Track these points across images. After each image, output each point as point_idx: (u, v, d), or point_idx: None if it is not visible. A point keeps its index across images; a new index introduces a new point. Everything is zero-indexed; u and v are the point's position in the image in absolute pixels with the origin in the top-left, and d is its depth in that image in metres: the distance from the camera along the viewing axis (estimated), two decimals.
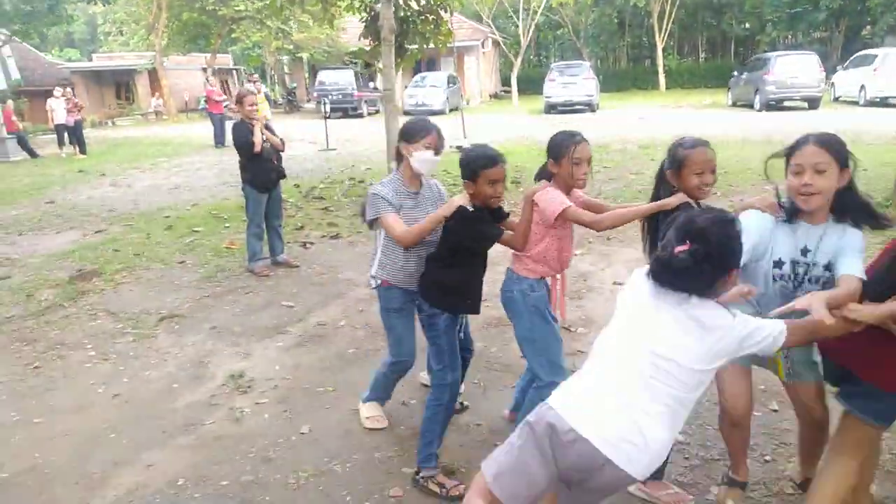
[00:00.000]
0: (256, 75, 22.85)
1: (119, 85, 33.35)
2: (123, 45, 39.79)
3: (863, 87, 19.41)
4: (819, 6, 30.14)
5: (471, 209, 2.72)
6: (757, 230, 2.21)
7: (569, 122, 17.55)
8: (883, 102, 18.87)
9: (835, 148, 2.08)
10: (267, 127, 6.02)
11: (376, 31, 9.30)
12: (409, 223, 2.87)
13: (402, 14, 9.64)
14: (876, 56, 19.47)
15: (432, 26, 9.85)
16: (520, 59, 28.45)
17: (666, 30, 32.35)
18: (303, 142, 16.34)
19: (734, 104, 21.95)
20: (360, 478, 2.97)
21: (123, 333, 4.73)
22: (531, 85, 30.40)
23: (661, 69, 32.56)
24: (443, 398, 2.87)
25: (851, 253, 2.10)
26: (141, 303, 5.33)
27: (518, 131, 16.37)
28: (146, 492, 2.93)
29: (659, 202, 2.46)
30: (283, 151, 6.12)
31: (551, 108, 22.30)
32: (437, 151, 2.92)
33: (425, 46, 10.42)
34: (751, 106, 20.19)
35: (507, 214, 2.96)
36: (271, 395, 3.79)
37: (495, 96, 33.87)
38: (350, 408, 3.58)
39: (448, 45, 10.53)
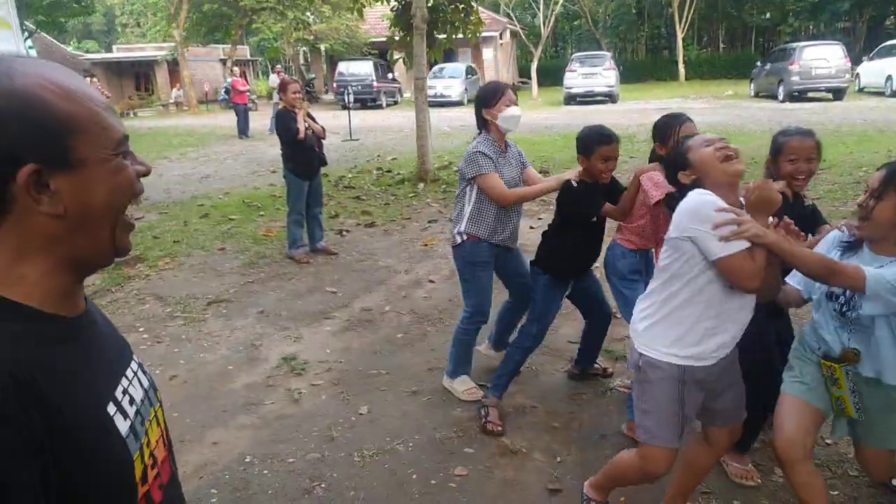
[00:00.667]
0: (280, 66, 22.82)
1: (139, 76, 33.59)
2: (140, 37, 40.08)
3: (889, 77, 19.15)
4: None
5: (575, 184, 2.96)
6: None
7: (591, 114, 17.49)
8: None
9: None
10: (308, 115, 6.08)
11: (408, 19, 9.32)
12: (505, 181, 3.17)
13: (432, 2, 9.65)
14: None
15: (462, 15, 9.85)
16: (539, 50, 28.28)
17: (686, 20, 32.04)
18: (326, 132, 16.37)
19: (756, 95, 21.74)
20: (423, 457, 3.03)
21: (173, 317, 4.82)
22: (549, 76, 30.25)
23: (680, 60, 32.26)
24: (525, 343, 3.25)
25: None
26: (187, 288, 5.42)
27: (540, 122, 16.34)
28: (215, 468, 3.00)
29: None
30: (324, 139, 6.18)
31: (571, 100, 22.20)
32: (517, 104, 3.21)
33: (454, 36, 10.45)
34: (774, 97, 19.98)
35: (623, 189, 3.07)
36: (326, 377, 3.86)
37: (513, 87, 33.75)
38: (404, 390, 3.64)
39: (478, 34, 10.54)
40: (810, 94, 19.54)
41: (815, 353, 2.19)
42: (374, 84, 24.52)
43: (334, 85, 25.27)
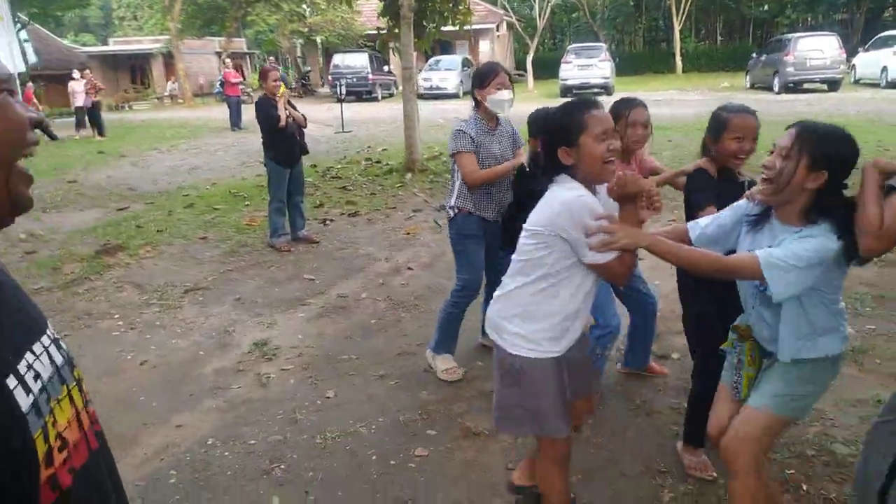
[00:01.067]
0: (273, 58, 22.76)
1: (134, 69, 33.51)
2: (137, 30, 39.96)
3: (885, 68, 19.07)
4: None
5: (528, 169, 3.05)
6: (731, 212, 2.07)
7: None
8: None
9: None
10: (289, 103, 6.06)
11: (395, 9, 9.28)
12: (486, 156, 3.28)
13: None
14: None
15: (451, 4, 9.80)
16: (535, 42, 28.19)
17: (684, 12, 31.88)
18: (318, 124, 16.35)
19: (752, 87, 21.68)
20: (385, 439, 3.03)
21: (149, 304, 4.82)
22: (546, 68, 30.13)
23: (678, 52, 32.14)
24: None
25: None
26: (165, 276, 5.42)
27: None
28: (177, 450, 3.01)
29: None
30: (305, 127, 6.16)
31: (567, 91, 22.11)
32: (509, 87, 3.27)
33: (443, 27, 10.39)
34: (770, 88, 19.92)
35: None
36: (296, 362, 3.86)
37: (510, 76, 33.62)
38: (373, 374, 3.64)
39: (466, 25, 10.49)
40: (806, 86, 19.48)
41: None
42: (370, 76, 24.45)
43: (329, 77, 25.19)
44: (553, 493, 2.17)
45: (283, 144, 5.90)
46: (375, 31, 11.68)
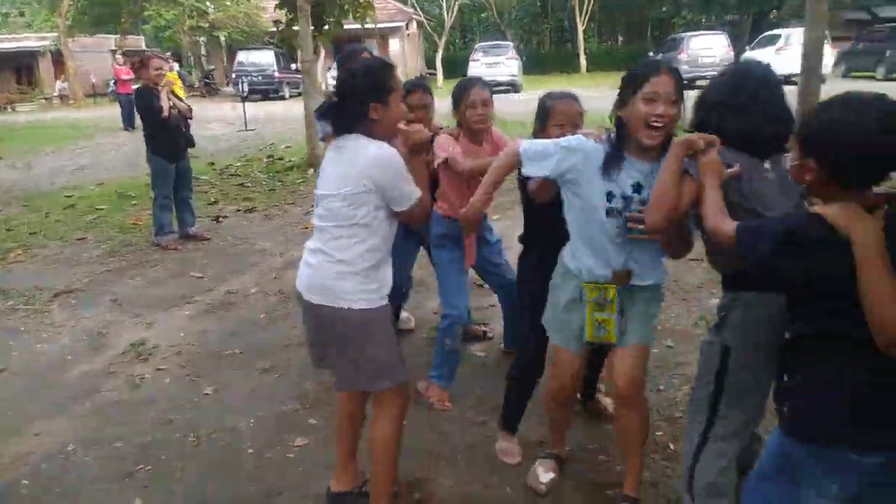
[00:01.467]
0: (168, 53, 21.72)
1: (20, 69, 31.17)
2: (26, 27, 37.22)
3: (769, 65, 20.36)
4: None
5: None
6: (579, 149, 2.02)
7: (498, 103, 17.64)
8: (786, 80, 19.86)
9: (682, 82, 1.93)
10: (172, 92, 5.77)
11: (293, 1, 9.05)
12: None
13: None
14: (779, 36, 20.50)
15: None
16: (444, 41, 28.38)
17: (586, 13, 32.98)
18: (220, 122, 15.80)
19: None
20: (264, 431, 2.91)
21: (14, 310, 4.45)
22: (457, 67, 30.30)
23: (581, 52, 33.20)
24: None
25: None
26: (34, 280, 5.02)
27: (445, 112, 16.35)
28: (33, 459, 2.78)
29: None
30: (190, 118, 5.88)
31: None
32: None
33: (344, 20, 10.24)
34: None
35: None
36: (174, 360, 3.66)
37: (421, 78, 33.69)
38: (256, 368, 3.51)
39: (369, 18, 10.38)
40: (699, 83, 20.55)
41: (576, 277, 2.11)
42: (276, 74, 23.80)
43: (233, 75, 24.35)
44: (389, 460, 2.22)
45: (167, 137, 5.61)
46: (275, 26, 11.32)
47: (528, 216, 2.62)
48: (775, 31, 21.76)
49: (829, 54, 20.63)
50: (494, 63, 22.12)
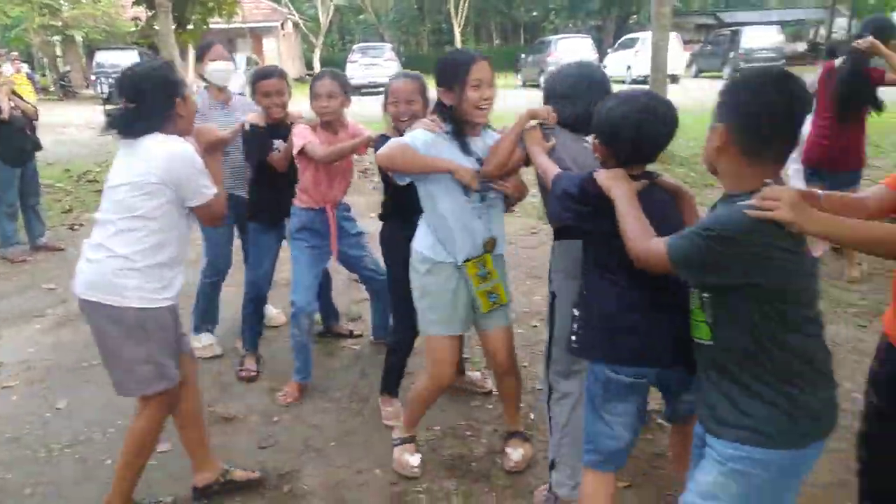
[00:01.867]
0: (16, 52, 19.85)
1: None
2: None
3: (629, 66, 21.86)
4: None
5: (248, 128, 2.96)
6: (428, 144, 2.14)
7: (373, 103, 17.64)
8: (644, 80, 21.41)
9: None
10: (14, 92, 5.32)
11: None
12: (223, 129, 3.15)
13: None
14: (637, 39, 22.02)
15: None
16: (321, 42, 28.00)
17: (462, 16, 33.76)
18: (78, 127, 14.68)
19: (525, 84, 23.58)
20: (121, 442, 2.77)
21: None
22: (336, 69, 30.08)
23: None
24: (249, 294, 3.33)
25: None
26: None
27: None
28: None
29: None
30: (36, 119, 5.45)
31: (354, 90, 22.21)
32: (227, 59, 3.27)
33: (209, 18, 9.88)
34: (538, 85, 21.82)
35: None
36: (23, 376, 3.41)
37: (300, 80, 33.04)
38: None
39: (236, 15, 10.08)
40: None
41: (451, 264, 2.23)
42: None
43: (92, 77, 22.68)
44: (136, 455, 2.23)
45: (9, 140, 5.16)
46: (134, 24, 10.73)
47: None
48: (634, 35, 23.34)
49: (683, 56, 22.62)
50: (372, 64, 22.12)
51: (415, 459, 2.48)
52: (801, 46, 27.53)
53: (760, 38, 21.75)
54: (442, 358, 2.33)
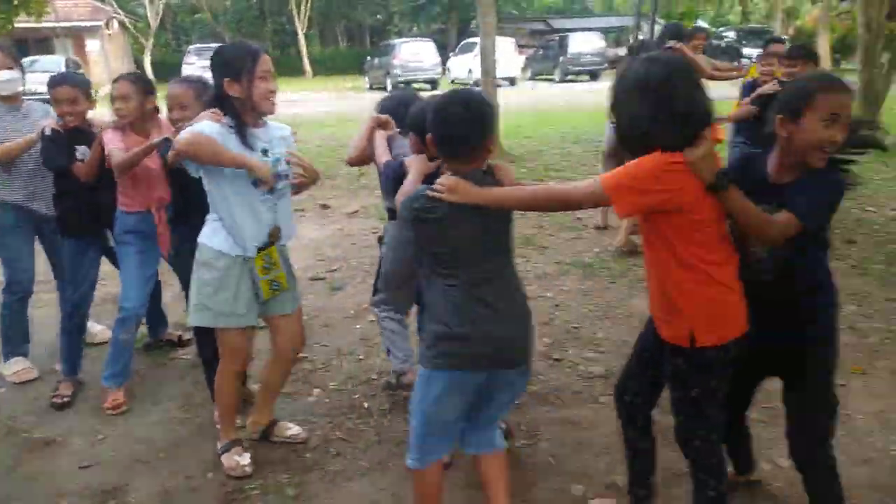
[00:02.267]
0: None
1: None
2: None
3: (469, 70, 22.78)
4: (434, 1, 34.36)
5: (48, 133, 2.87)
6: (213, 134, 2.17)
7: None
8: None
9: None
10: None
11: None
12: (10, 138, 3.02)
13: None
14: (476, 44, 23.00)
15: None
16: (151, 43, 26.30)
17: (305, 17, 33.24)
18: None
19: (371, 87, 23.75)
20: None
21: None
22: (171, 70, 28.31)
23: (304, 56, 33.40)
24: (65, 308, 3.17)
25: None
26: None
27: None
28: None
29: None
30: None
31: None
32: (9, 67, 3.05)
33: (16, 18, 9.00)
34: (384, 88, 22.09)
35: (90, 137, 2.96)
36: None
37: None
38: None
39: (43, 14, 9.27)
40: (413, 85, 22.13)
41: (241, 257, 2.30)
42: None
43: None
44: None
45: None
46: None
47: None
48: (474, 40, 24.32)
49: (519, 60, 24.00)
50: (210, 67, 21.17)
51: (244, 459, 2.51)
52: (622, 51, 30.27)
53: (585, 44, 23.57)
54: (236, 349, 2.43)
